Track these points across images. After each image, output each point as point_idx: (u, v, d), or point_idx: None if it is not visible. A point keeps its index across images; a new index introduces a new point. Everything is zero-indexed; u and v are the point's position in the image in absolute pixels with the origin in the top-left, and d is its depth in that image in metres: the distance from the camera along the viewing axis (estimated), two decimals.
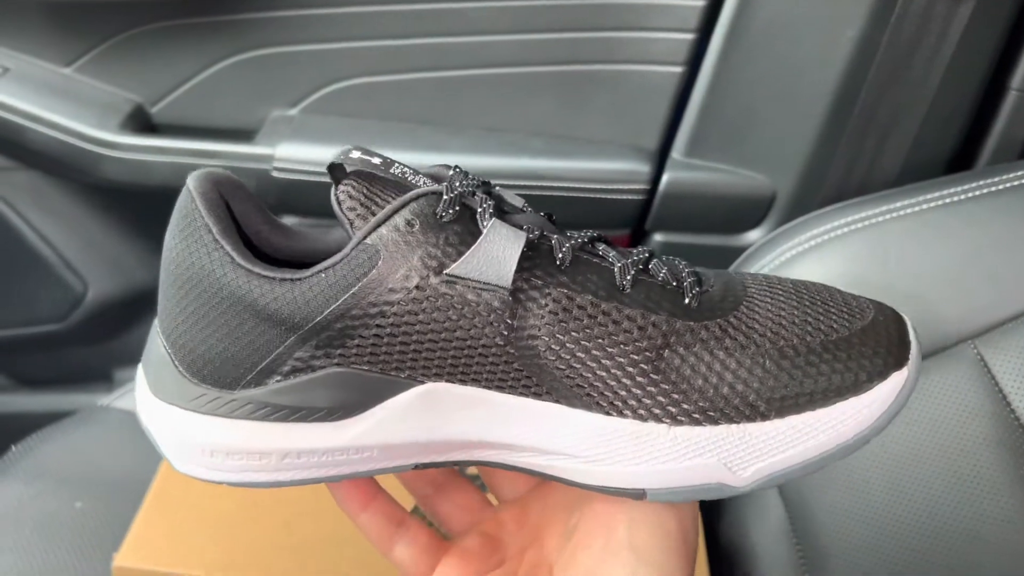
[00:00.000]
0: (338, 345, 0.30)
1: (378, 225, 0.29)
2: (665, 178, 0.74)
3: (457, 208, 0.30)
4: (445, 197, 0.30)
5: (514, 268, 0.30)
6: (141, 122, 0.80)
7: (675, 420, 0.30)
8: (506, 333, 0.30)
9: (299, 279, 0.30)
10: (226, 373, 0.31)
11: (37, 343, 0.95)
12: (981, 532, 0.50)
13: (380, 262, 0.29)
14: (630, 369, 0.30)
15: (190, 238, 0.31)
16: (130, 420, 0.73)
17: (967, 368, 0.55)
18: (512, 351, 0.30)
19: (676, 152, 0.75)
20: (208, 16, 0.76)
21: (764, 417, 0.29)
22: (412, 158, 0.75)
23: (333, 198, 0.31)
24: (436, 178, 0.33)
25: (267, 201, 0.79)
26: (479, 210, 0.31)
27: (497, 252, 0.30)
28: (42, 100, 0.78)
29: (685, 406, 0.30)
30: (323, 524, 0.50)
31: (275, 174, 0.76)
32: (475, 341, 0.30)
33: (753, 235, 0.77)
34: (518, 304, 0.30)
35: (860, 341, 0.31)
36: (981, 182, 0.61)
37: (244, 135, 0.79)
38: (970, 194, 0.61)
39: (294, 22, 0.76)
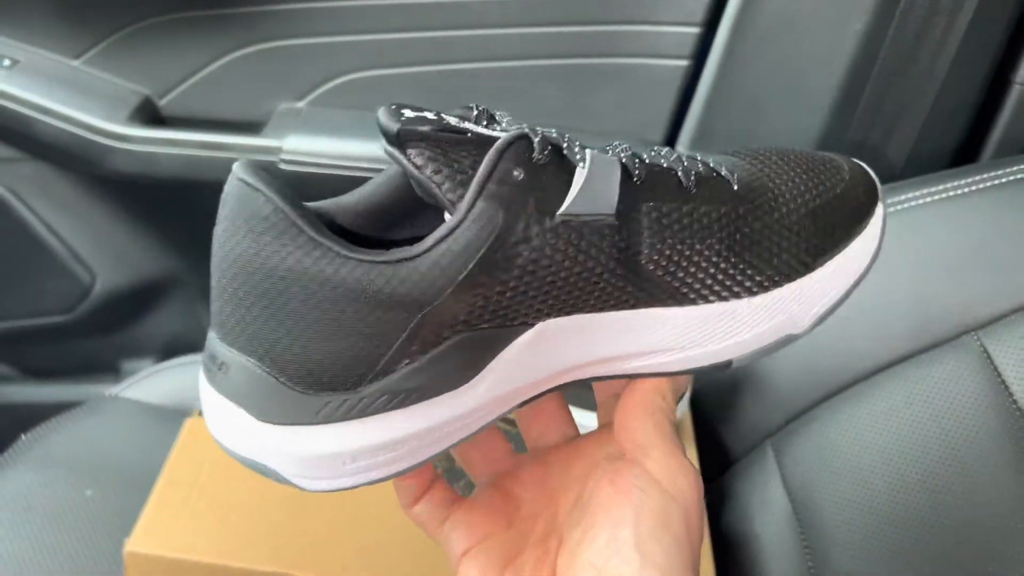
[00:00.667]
0: (468, 312, 0.29)
1: (485, 180, 0.28)
2: None
3: (549, 147, 0.30)
4: (536, 140, 0.29)
5: (617, 194, 0.30)
6: (149, 114, 0.81)
7: (752, 293, 0.33)
8: (618, 256, 0.31)
9: (418, 255, 0.28)
10: (350, 373, 0.29)
11: (44, 334, 0.96)
12: (983, 521, 0.50)
13: (500, 217, 0.29)
14: (715, 259, 0.32)
15: (276, 241, 0.28)
16: (138, 409, 0.74)
17: (970, 359, 0.55)
18: (620, 272, 0.31)
19: (682, 145, 0.76)
20: (216, 9, 0.76)
21: (811, 269, 0.34)
22: None
23: (406, 163, 0.29)
24: (467, 118, 0.32)
25: None
26: (564, 145, 0.30)
27: (601, 183, 0.30)
28: (51, 92, 0.78)
29: (758, 278, 0.33)
30: (333, 510, 0.51)
31: (283, 166, 0.77)
32: (590, 272, 0.31)
33: None
34: (623, 226, 0.31)
35: (850, 192, 0.35)
36: (985, 175, 0.61)
37: (252, 127, 0.80)
38: (974, 187, 0.61)
39: (301, 15, 0.76)
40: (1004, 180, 0.61)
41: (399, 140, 0.29)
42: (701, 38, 0.72)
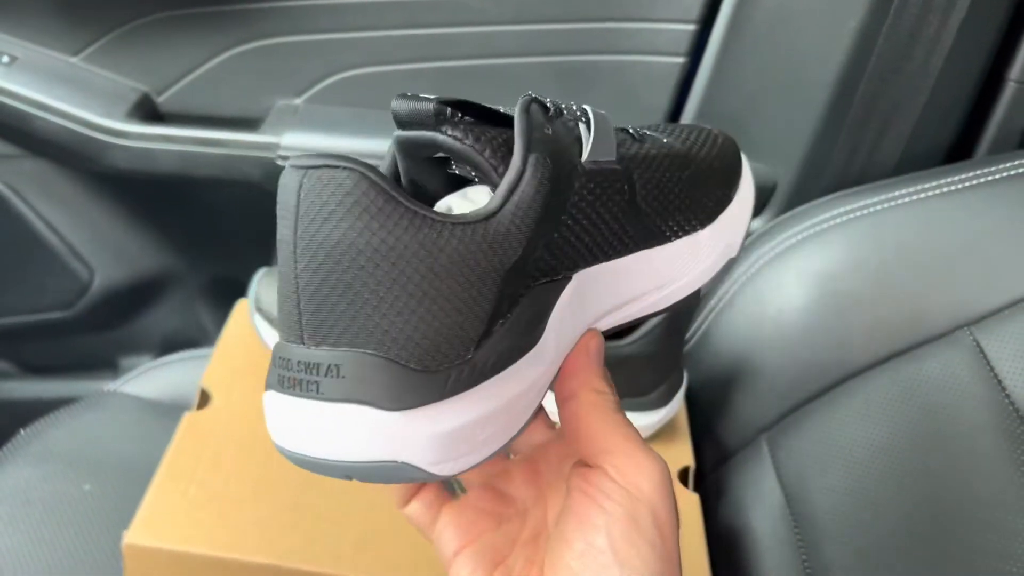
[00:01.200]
0: (535, 265, 0.30)
1: (528, 134, 0.30)
2: None
3: (553, 106, 0.32)
4: (545, 100, 0.32)
5: (615, 143, 0.33)
6: (148, 111, 0.81)
7: (703, 224, 0.37)
8: (624, 199, 0.33)
9: (495, 213, 0.28)
10: (462, 340, 0.29)
11: (43, 330, 0.96)
12: (975, 515, 0.50)
13: (550, 166, 0.30)
14: (682, 195, 0.36)
15: (375, 221, 0.27)
16: (136, 404, 0.74)
17: (963, 354, 0.55)
18: (625, 214, 0.34)
19: None
20: (214, 6, 0.77)
21: (730, 199, 0.39)
22: None
23: (446, 138, 0.29)
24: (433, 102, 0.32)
25: (272, 189, 0.80)
26: (563, 105, 0.33)
27: (605, 132, 0.33)
28: (50, 89, 0.79)
29: (705, 211, 0.37)
30: (329, 503, 0.51)
31: (280, 163, 0.77)
32: (611, 215, 0.33)
33: (754, 224, 0.77)
34: (623, 170, 0.33)
35: (729, 146, 0.40)
36: (979, 171, 0.62)
37: (250, 124, 0.80)
38: (968, 183, 0.62)
39: (299, 12, 0.76)
40: (998, 176, 0.61)
41: (436, 118, 0.30)
42: (697, 35, 0.73)
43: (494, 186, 0.30)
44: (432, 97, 0.30)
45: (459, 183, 0.34)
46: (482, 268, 0.28)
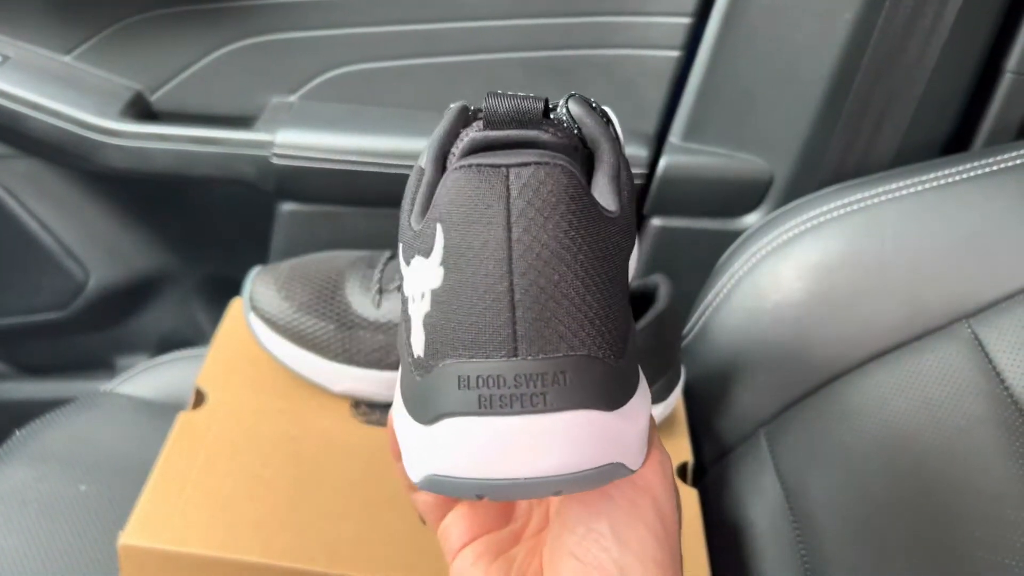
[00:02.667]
0: None
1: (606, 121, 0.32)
2: (663, 162, 0.75)
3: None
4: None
5: None
6: (141, 109, 0.81)
7: None
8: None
9: (622, 206, 0.29)
10: (629, 331, 0.29)
11: (39, 331, 0.96)
12: (974, 507, 0.50)
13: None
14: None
15: (584, 218, 0.27)
16: (132, 404, 0.74)
17: (961, 347, 0.55)
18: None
19: (674, 136, 0.76)
20: (207, 3, 0.76)
21: None
22: (410, 144, 0.76)
23: (551, 139, 0.29)
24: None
25: (267, 188, 0.79)
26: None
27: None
28: (42, 88, 0.78)
29: None
30: (325, 502, 0.51)
31: (275, 160, 0.77)
32: None
33: (750, 218, 0.77)
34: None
35: None
36: (976, 163, 0.61)
37: (244, 122, 0.80)
38: (965, 175, 0.61)
39: (292, 9, 0.76)
40: (995, 168, 0.61)
41: (568, 102, 0.31)
42: (692, 28, 0.72)
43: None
44: (533, 95, 0.29)
45: None
46: (624, 257, 0.28)
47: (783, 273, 0.65)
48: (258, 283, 0.59)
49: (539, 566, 0.34)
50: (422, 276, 0.27)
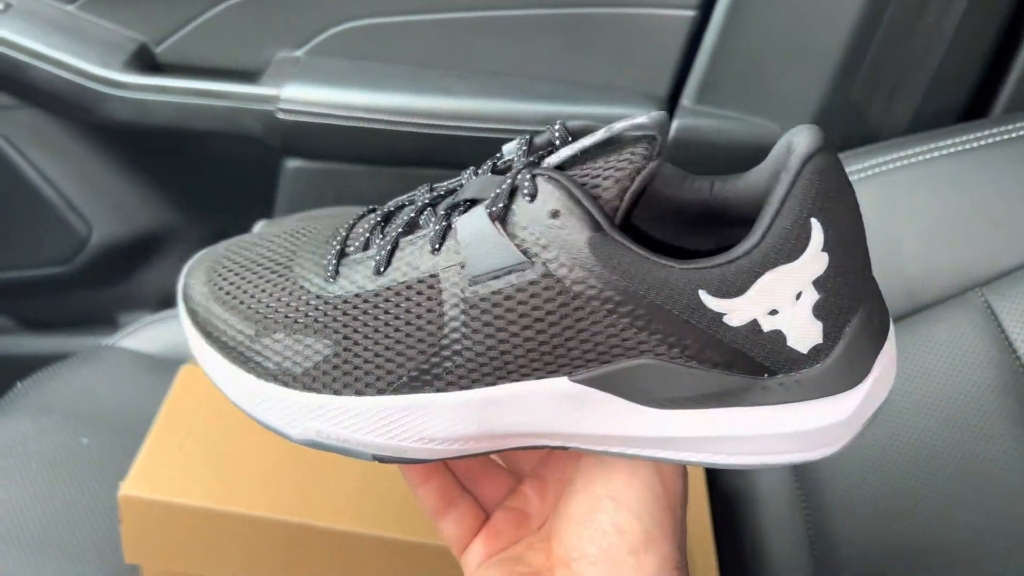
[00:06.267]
0: None
1: None
2: (674, 125, 0.74)
3: None
4: None
5: None
6: (145, 61, 0.79)
7: None
8: None
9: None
10: None
11: (41, 286, 0.95)
12: (982, 474, 0.50)
13: None
14: None
15: None
16: (133, 359, 0.73)
17: (974, 315, 0.54)
18: None
19: (686, 99, 0.74)
20: None
21: None
22: (418, 101, 0.75)
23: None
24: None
25: (273, 143, 0.78)
26: None
27: None
28: (45, 37, 0.77)
29: None
30: (328, 457, 0.51)
31: (281, 115, 0.76)
32: None
33: None
34: None
35: None
36: (995, 130, 0.60)
37: (249, 76, 0.79)
38: (983, 142, 0.60)
39: None
40: (1014, 135, 0.60)
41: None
42: None
43: None
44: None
45: None
46: None
47: None
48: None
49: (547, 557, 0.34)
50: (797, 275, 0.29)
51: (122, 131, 0.81)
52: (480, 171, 0.33)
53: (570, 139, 0.31)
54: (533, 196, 0.29)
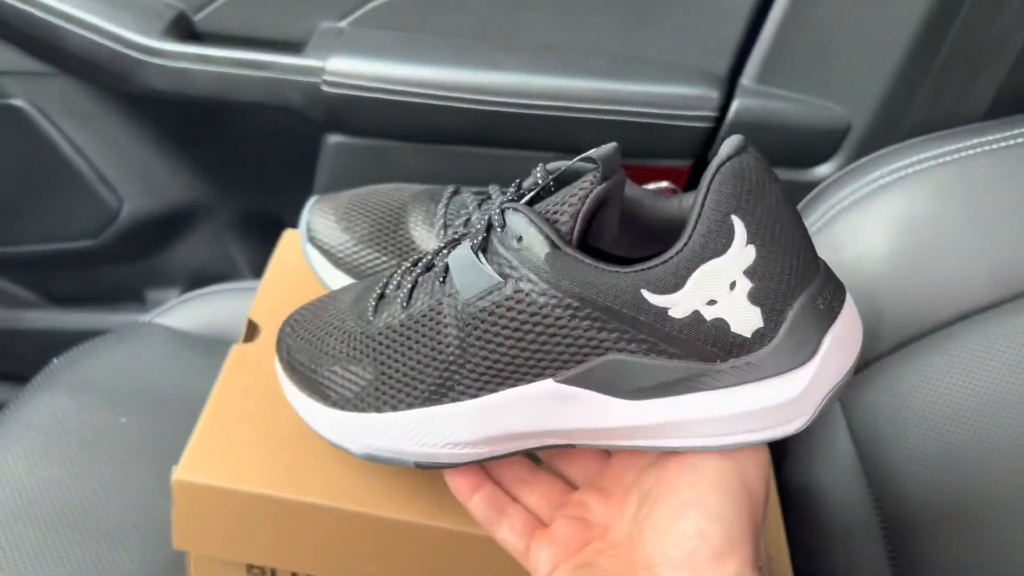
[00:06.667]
0: None
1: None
2: (735, 105, 0.71)
3: None
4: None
5: None
6: (183, 29, 0.77)
7: None
8: None
9: None
10: None
11: (69, 259, 0.93)
12: None
13: None
14: None
15: None
16: (172, 336, 0.71)
17: None
18: None
19: (747, 78, 0.71)
20: None
21: None
22: (466, 76, 0.72)
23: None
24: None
25: (315, 117, 0.76)
26: None
27: None
28: (81, 1, 0.74)
29: None
30: None
31: (325, 88, 0.73)
32: None
33: (822, 169, 0.74)
34: None
35: None
36: None
37: (290, 47, 0.76)
38: None
39: None
40: None
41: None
42: None
43: None
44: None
45: None
46: None
47: (865, 227, 0.62)
48: (316, 213, 0.56)
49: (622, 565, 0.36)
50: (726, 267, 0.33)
51: (157, 101, 0.78)
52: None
53: (551, 182, 0.38)
54: (503, 226, 0.35)
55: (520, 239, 0.34)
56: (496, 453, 0.39)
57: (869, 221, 0.62)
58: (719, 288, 0.33)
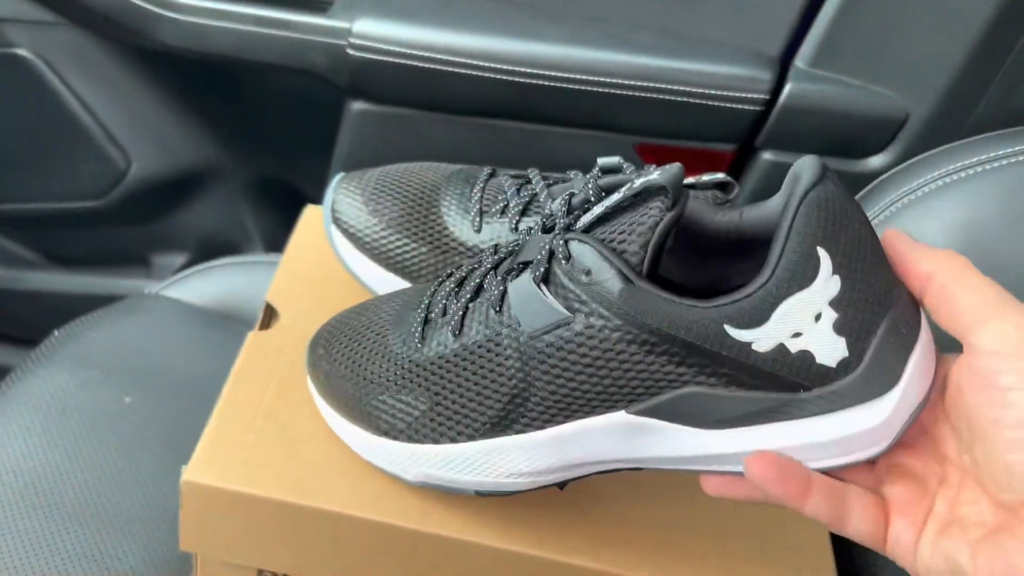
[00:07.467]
0: None
1: None
2: (787, 89, 0.66)
3: None
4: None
5: None
6: None
7: None
8: None
9: None
10: None
11: (73, 220, 0.89)
12: None
13: None
14: None
15: None
16: (181, 310, 0.67)
17: None
18: None
19: (801, 61, 0.67)
20: None
21: None
22: (503, 45, 0.68)
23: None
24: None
25: (338, 82, 0.71)
26: None
27: None
28: None
29: None
30: None
31: (350, 51, 0.69)
32: None
33: (875, 161, 0.69)
34: None
35: None
36: None
37: (315, 6, 0.71)
38: None
39: None
40: None
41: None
42: None
43: None
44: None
45: None
46: None
47: (926, 229, 0.58)
48: (341, 192, 0.51)
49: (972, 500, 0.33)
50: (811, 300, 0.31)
51: (172, 58, 0.74)
52: (533, 230, 0.39)
53: (604, 195, 0.37)
54: (568, 258, 0.34)
55: (589, 272, 0.33)
56: (557, 480, 0.39)
57: (931, 223, 0.58)
58: (804, 320, 0.32)
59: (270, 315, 0.51)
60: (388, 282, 0.50)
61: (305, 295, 0.52)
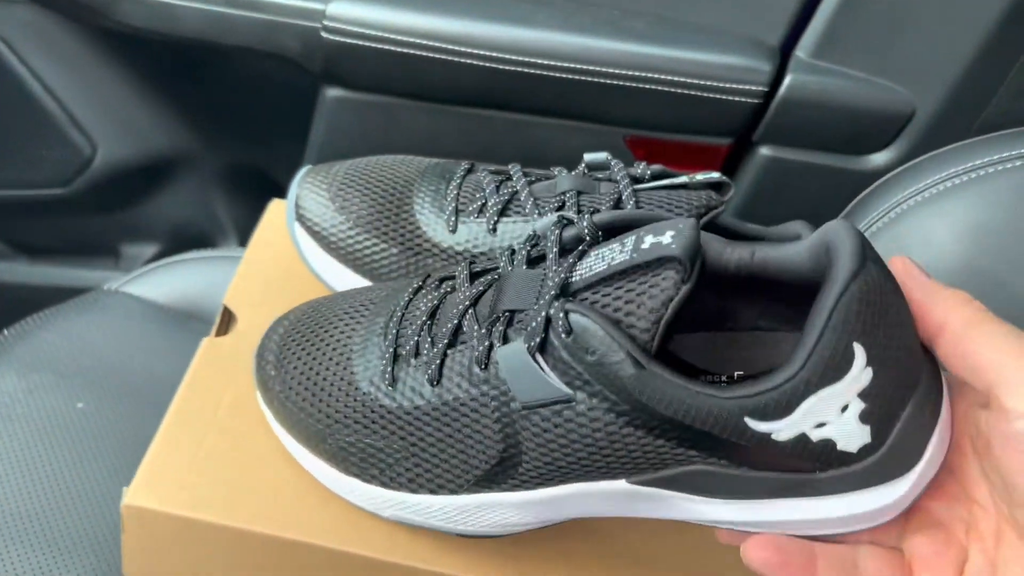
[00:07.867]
0: None
1: None
2: (787, 80, 0.63)
3: None
4: None
5: None
6: None
7: None
8: None
9: None
10: None
11: (38, 208, 0.86)
12: None
13: None
14: None
15: None
16: (141, 308, 0.64)
17: None
18: None
19: (802, 51, 0.64)
20: None
21: None
22: (487, 30, 0.64)
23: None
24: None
25: (312, 67, 0.68)
26: None
27: None
28: None
29: None
30: None
31: (325, 35, 0.65)
32: None
33: (878, 158, 0.66)
34: None
35: None
36: None
37: None
38: None
39: None
40: None
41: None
42: None
43: None
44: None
45: None
46: None
47: (935, 232, 0.54)
48: (307, 187, 0.48)
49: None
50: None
51: (138, 40, 0.71)
52: (516, 258, 0.35)
53: (600, 235, 0.33)
54: (568, 332, 0.30)
55: (594, 352, 0.30)
56: (541, 525, 0.37)
57: (940, 226, 0.54)
58: (830, 412, 0.30)
59: (228, 319, 0.48)
60: (355, 285, 0.47)
61: (266, 298, 0.48)
